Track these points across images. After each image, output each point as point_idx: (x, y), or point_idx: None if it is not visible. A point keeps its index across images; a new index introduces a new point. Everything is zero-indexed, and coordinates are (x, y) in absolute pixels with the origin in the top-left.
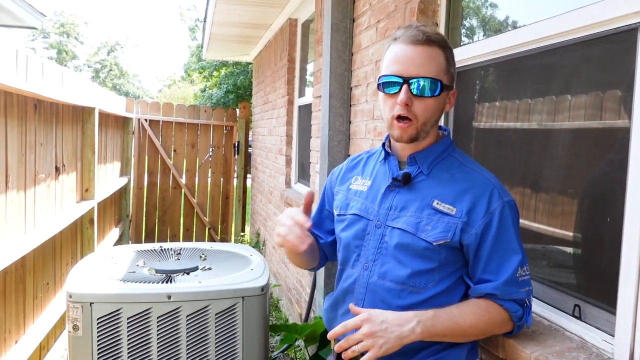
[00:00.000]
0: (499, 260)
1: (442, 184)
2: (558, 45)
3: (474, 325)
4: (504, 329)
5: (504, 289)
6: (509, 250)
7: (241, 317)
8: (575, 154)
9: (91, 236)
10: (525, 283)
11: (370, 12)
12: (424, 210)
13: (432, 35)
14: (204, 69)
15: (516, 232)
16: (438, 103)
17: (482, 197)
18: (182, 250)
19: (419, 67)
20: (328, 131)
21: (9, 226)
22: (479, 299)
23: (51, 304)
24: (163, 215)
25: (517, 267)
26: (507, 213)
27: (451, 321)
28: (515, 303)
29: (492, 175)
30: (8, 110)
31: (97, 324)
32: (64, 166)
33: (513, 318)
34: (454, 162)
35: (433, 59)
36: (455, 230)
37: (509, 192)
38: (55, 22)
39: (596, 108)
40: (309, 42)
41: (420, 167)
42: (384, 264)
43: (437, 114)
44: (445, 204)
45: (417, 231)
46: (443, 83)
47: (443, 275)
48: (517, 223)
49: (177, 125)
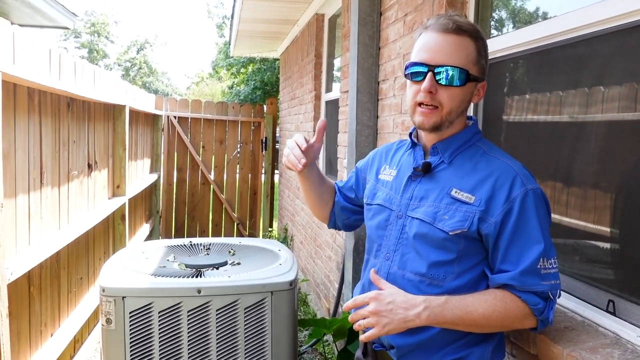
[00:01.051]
0: (518, 249)
1: (463, 173)
2: (591, 35)
3: (488, 316)
4: (526, 323)
5: (521, 279)
6: (530, 240)
7: (270, 312)
8: (609, 146)
9: (123, 232)
10: (550, 276)
11: (397, 6)
12: (443, 200)
13: (464, 25)
14: (231, 66)
15: (540, 221)
16: (464, 93)
17: (504, 185)
18: (212, 245)
19: (446, 55)
20: (355, 126)
21: (44, 222)
22: (497, 290)
23: (85, 298)
24: (192, 211)
25: (538, 257)
26: (530, 201)
27: (462, 310)
28: (536, 295)
29: (517, 163)
30: (42, 109)
31: (130, 317)
32: (96, 163)
33: (534, 312)
34: (477, 151)
35: (462, 48)
36: (472, 219)
37: (536, 181)
38: (86, 22)
39: (630, 100)
40: (335, 37)
41: (442, 157)
42: (404, 255)
43: (463, 105)
44: (464, 193)
45: (434, 221)
46: (470, 73)
47: (463, 267)
48: (542, 212)
49: (205, 121)
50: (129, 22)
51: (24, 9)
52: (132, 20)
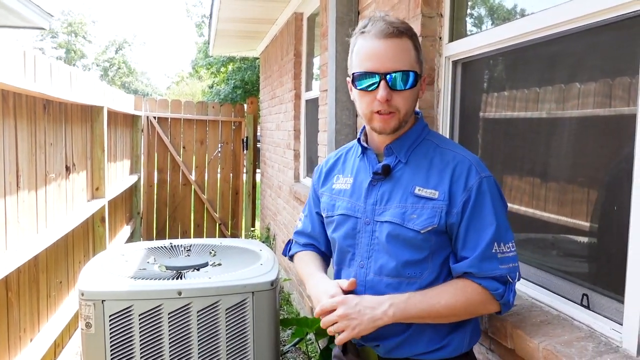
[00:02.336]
0: (475, 234)
1: (422, 170)
2: (564, 33)
3: (451, 306)
4: (489, 308)
5: (479, 265)
6: (484, 225)
7: (251, 312)
8: (582, 142)
9: (103, 234)
10: (508, 259)
11: (375, 5)
12: (408, 199)
13: (400, 26)
14: (211, 65)
15: (495, 207)
16: (415, 93)
17: (461, 175)
18: (192, 246)
19: (393, 61)
20: (335, 125)
21: (21, 226)
22: (458, 279)
23: (64, 302)
24: (174, 212)
25: (492, 241)
26: (485, 188)
27: (425, 303)
28: (495, 280)
29: (469, 153)
30: (17, 111)
31: (110, 321)
32: (74, 165)
33: (494, 297)
34: (429, 146)
35: (405, 50)
36: (440, 214)
37: (486, 167)
38: (63, 22)
39: (603, 96)
40: (314, 36)
41: (398, 157)
42: (378, 260)
43: (414, 103)
44: (427, 189)
45: (403, 221)
46: (417, 73)
47: (437, 262)
48: (497, 198)
49: (185, 122)
50: (106, 22)
51: None
52: (110, 20)
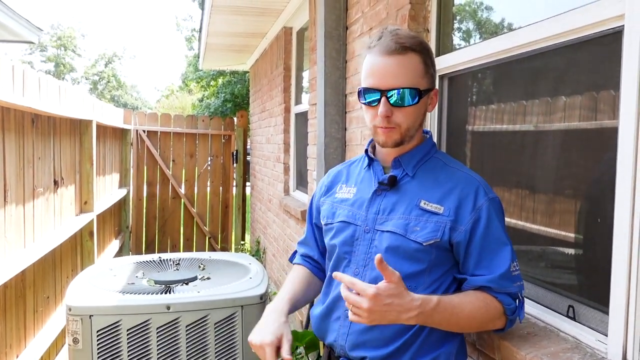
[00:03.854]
0: (490, 255)
1: (428, 185)
2: (547, 49)
3: (472, 316)
4: (497, 323)
5: (499, 282)
6: (500, 245)
7: (240, 326)
8: (566, 155)
9: (91, 249)
10: (517, 278)
11: (362, 20)
12: (412, 212)
13: (407, 42)
14: (201, 79)
15: (504, 228)
16: (418, 108)
17: (469, 194)
18: (181, 260)
19: (394, 78)
20: (324, 138)
21: (8, 241)
22: (478, 292)
23: (52, 317)
24: (163, 226)
25: (511, 262)
26: (494, 209)
27: (450, 311)
28: (509, 296)
29: (476, 174)
30: (5, 125)
31: (97, 336)
32: (62, 179)
33: (506, 311)
34: (437, 164)
35: (408, 66)
36: (444, 229)
37: (494, 191)
38: (52, 36)
39: (585, 109)
40: (304, 50)
41: (405, 170)
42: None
43: (419, 119)
44: (433, 204)
45: (406, 232)
46: (420, 89)
47: (434, 277)
48: (503, 219)
49: (175, 135)
50: (96, 36)
51: None
52: (99, 34)
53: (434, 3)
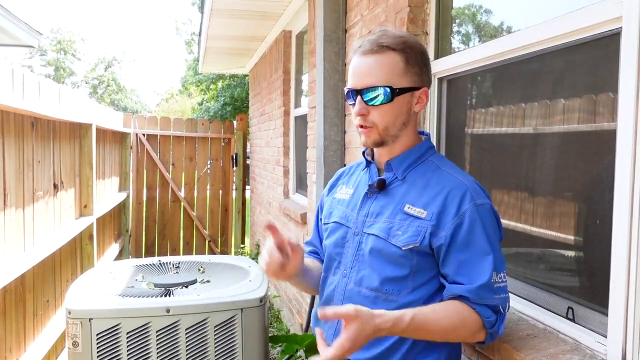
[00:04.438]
0: (471, 263)
1: (416, 189)
2: (545, 51)
3: (447, 331)
4: (477, 336)
5: (478, 292)
6: (482, 254)
7: (240, 329)
8: (565, 157)
9: (91, 252)
10: (501, 290)
11: (361, 23)
12: (397, 215)
13: (386, 41)
14: (201, 82)
15: (489, 236)
16: (395, 107)
17: (454, 199)
18: (181, 263)
19: (367, 76)
20: (323, 141)
21: (7, 244)
22: (455, 301)
23: (52, 321)
24: (163, 229)
25: (491, 272)
26: (479, 216)
27: (425, 328)
28: (489, 309)
29: (468, 178)
30: (5, 129)
31: (97, 339)
32: (62, 183)
33: (485, 324)
34: (430, 167)
35: (384, 65)
36: (425, 234)
37: (488, 195)
38: (52, 40)
39: (584, 112)
40: (303, 54)
41: (396, 173)
42: (360, 271)
43: (399, 118)
44: (417, 208)
45: (388, 236)
46: (394, 87)
47: (417, 283)
48: (491, 227)
49: (174, 139)
50: (96, 39)
51: None
52: (99, 37)
53: (432, 6)
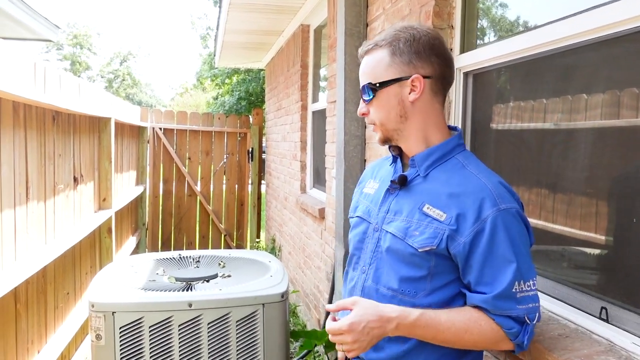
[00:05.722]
0: (492, 271)
1: (437, 189)
2: (576, 45)
3: (460, 337)
4: (501, 345)
5: (494, 303)
6: (503, 262)
7: (262, 324)
8: (599, 154)
9: (109, 245)
10: (527, 299)
11: (384, 17)
12: (415, 215)
13: (378, 40)
14: (216, 77)
15: (513, 242)
16: (382, 101)
17: (474, 203)
18: (201, 257)
19: (361, 78)
20: (344, 136)
21: (30, 237)
22: (473, 310)
23: (72, 313)
24: (179, 223)
25: (512, 281)
26: (502, 222)
27: (434, 328)
28: (511, 319)
29: (493, 180)
30: (27, 123)
31: (120, 332)
32: (81, 176)
33: (508, 335)
34: (455, 165)
35: (369, 64)
36: (442, 237)
37: (516, 198)
38: (68, 34)
39: (620, 107)
40: (321, 48)
41: (418, 170)
42: (378, 269)
43: (392, 111)
44: (436, 209)
45: (405, 236)
46: (374, 82)
47: (435, 285)
48: (516, 232)
49: (191, 133)
50: (111, 34)
51: (6, 22)
52: (115, 32)
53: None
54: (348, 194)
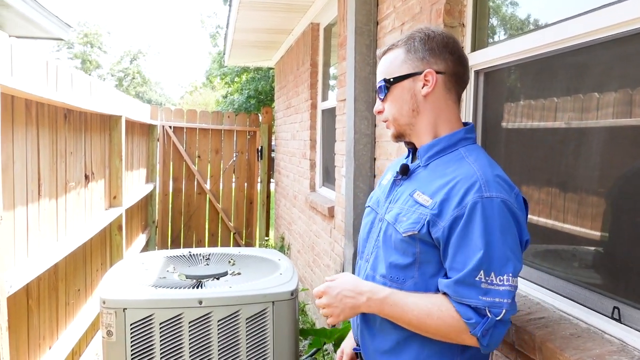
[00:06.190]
0: (462, 258)
1: (433, 177)
2: (588, 44)
3: (422, 320)
4: (464, 338)
5: (454, 288)
6: (472, 250)
7: (271, 322)
8: (611, 152)
9: (120, 242)
10: (494, 293)
11: (394, 15)
12: (407, 202)
13: (395, 41)
14: (225, 75)
15: (488, 232)
16: (396, 96)
17: (460, 190)
18: (211, 255)
19: (378, 77)
20: (353, 135)
21: (42, 234)
22: (440, 295)
23: (82, 309)
24: (188, 221)
25: (475, 268)
26: (482, 209)
27: (400, 308)
28: (470, 309)
29: (485, 170)
30: (40, 120)
31: (131, 329)
32: (92, 174)
33: (468, 325)
34: (456, 157)
35: (385, 63)
36: (424, 222)
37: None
38: (79, 33)
39: (630, 106)
40: (331, 46)
41: (420, 160)
42: (377, 257)
43: (405, 106)
44: (424, 195)
45: (395, 222)
46: (388, 78)
47: (423, 273)
48: (497, 223)
49: (200, 131)
50: (122, 33)
51: (18, 21)
52: (125, 31)
53: None
54: (357, 193)
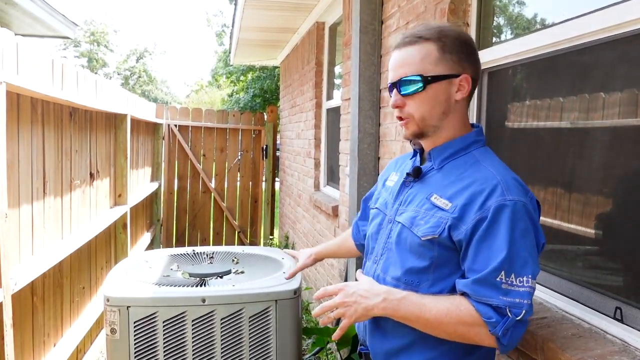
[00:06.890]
0: (484, 259)
1: (449, 180)
2: (594, 43)
3: (440, 319)
4: (483, 338)
5: (473, 287)
6: (495, 251)
7: (274, 321)
8: (616, 153)
9: (124, 241)
10: (515, 294)
11: (399, 14)
12: (424, 205)
13: (419, 32)
14: (231, 74)
15: (511, 234)
16: (430, 96)
17: (482, 193)
18: (215, 254)
19: (402, 68)
20: (358, 134)
21: (47, 232)
22: (459, 295)
23: (87, 307)
24: (193, 220)
25: (497, 269)
26: (504, 212)
27: (417, 308)
28: (491, 308)
29: (504, 174)
30: (45, 119)
31: (134, 327)
32: (98, 172)
33: (487, 325)
34: (469, 159)
35: (415, 55)
36: (444, 226)
37: (527, 194)
38: (85, 31)
39: (636, 106)
40: (336, 45)
41: (433, 163)
42: (388, 259)
43: (437, 108)
44: (443, 199)
45: (412, 226)
46: (426, 75)
47: (439, 276)
48: (517, 225)
49: (206, 130)
50: (128, 31)
51: (25, 19)
52: (131, 29)
53: None
54: (361, 192)
